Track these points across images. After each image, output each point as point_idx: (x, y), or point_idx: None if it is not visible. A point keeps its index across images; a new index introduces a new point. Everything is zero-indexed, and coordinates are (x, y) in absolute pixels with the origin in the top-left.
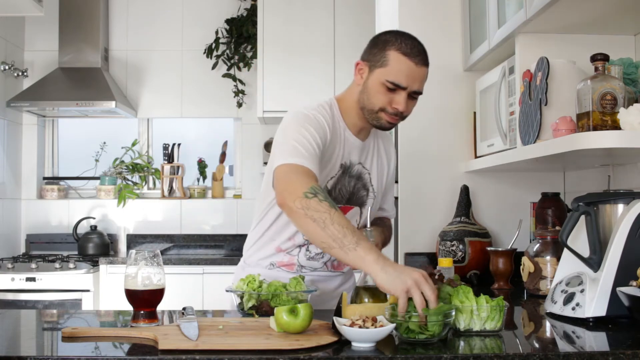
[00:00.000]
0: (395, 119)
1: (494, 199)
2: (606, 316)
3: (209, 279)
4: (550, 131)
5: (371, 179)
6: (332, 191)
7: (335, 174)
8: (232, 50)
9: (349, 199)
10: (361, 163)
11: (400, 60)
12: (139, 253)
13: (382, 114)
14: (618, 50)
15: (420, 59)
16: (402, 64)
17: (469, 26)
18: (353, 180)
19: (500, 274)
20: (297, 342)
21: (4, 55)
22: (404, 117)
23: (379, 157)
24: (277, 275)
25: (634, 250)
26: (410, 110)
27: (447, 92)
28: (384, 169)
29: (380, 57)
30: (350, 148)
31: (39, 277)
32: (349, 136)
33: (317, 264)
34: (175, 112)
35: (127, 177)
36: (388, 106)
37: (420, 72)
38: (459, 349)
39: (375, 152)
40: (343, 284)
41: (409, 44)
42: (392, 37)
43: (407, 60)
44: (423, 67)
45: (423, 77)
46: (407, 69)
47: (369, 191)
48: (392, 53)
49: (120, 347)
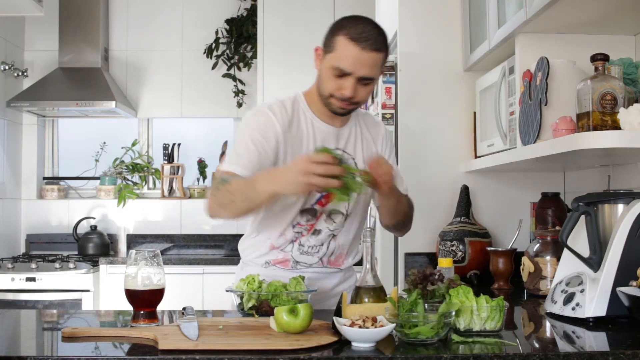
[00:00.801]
0: (345, 105)
1: (494, 199)
2: (606, 316)
3: (209, 279)
4: (550, 131)
5: (356, 165)
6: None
7: None
8: (232, 50)
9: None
10: (340, 149)
11: (347, 46)
12: (139, 253)
13: (332, 100)
14: (618, 50)
15: (369, 44)
16: (348, 49)
17: (469, 26)
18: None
19: (500, 274)
20: (297, 342)
21: (4, 55)
22: (357, 103)
23: (364, 142)
24: (272, 274)
25: (634, 250)
26: (363, 97)
27: (447, 92)
28: (372, 152)
29: (330, 42)
30: (323, 135)
31: (39, 277)
32: (320, 124)
33: (312, 258)
34: (175, 112)
35: (127, 177)
36: (337, 92)
37: (368, 57)
38: (459, 349)
39: (358, 138)
40: (341, 283)
41: (359, 29)
42: (345, 22)
43: (353, 45)
44: (371, 52)
45: (372, 63)
46: (353, 55)
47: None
48: (340, 38)
49: (120, 347)
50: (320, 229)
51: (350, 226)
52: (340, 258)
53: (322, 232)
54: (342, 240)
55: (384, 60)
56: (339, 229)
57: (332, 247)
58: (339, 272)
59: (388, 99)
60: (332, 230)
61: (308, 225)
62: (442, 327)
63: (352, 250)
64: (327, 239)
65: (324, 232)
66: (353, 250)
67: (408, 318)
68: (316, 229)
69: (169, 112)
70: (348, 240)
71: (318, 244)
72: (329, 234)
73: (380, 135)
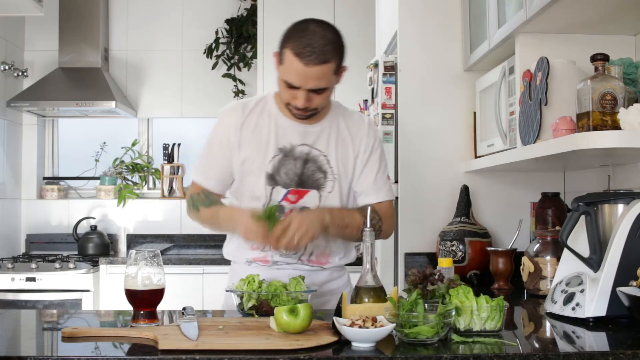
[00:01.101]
0: (301, 113)
1: (494, 199)
2: (606, 316)
3: (209, 279)
4: (550, 131)
5: (329, 162)
6: (277, 175)
7: (273, 157)
8: (232, 50)
9: (300, 182)
10: (308, 144)
11: (292, 61)
12: (139, 253)
13: (289, 107)
14: (618, 50)
15: (313, 59)
16: (293, 64)
17: (469, 26)
18: (299, 163)
19: (500, 274)
20: (297, 342)
21: (4, 55)
22: (314, 110)
23: (340, 140)
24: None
25: (634, 250)
26: (320, 103)
27: (447, 92)
28: (348, 151)
29: (281, 53)
30: (285, 131)
31: (39, 277)
32: (283, 121)
33: (290, 258)
34: (175, 112)
35: (127, 177)
36: (291, 101)
37: (313, 72)
38: (459, 349)
39: (332, 135)
40: (328, 282)
41: (304, 41)
42: (293, 32)
43: (297, 61)
44: (316, 66)
45: (319, 76)
46: (297, 70)
47: (326, 173)
48: (287, 52)
49: (120, 347)
50: None
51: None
52: (323, 257)
53: None
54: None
55: (336, 67)
56: None
57: (310, 246)
58: (322, 271)
59: (388, 99)
60: None
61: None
62: (442, 327)
63: (339, 249)
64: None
65: None
66: (340, 249)
67: (408, 318)
68: None
69: (169, 112)
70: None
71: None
72: None
73: (362, 133)
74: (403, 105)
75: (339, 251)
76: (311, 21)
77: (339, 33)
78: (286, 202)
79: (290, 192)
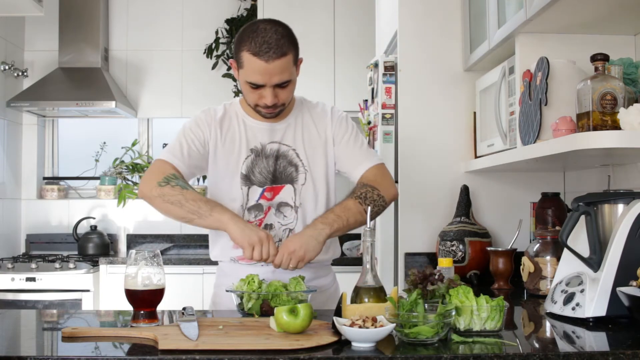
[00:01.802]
0: (270, 111)
1: (494, 199)
2: (606, 316)
3: (209, 279)
4: (550, 131)
5: (298, 155)
6: (251, 175)
7: (246, 157)
8: (232, 50)
9: (274, 179)
10: (277, 142)
11: (252, 61)
12: (139, 253)
13: (258, 109)
14: (618, 50)
15: (271, 54)
16: (254, 64)
17: (469, 26)
18: (271, 160)
19: (500, 274)
20: (297, 342)
21: (4, 55)
22: (282, 105)
23: (306, 132)
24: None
25: (634, 250)
26: (286, 97)
27: (447, 92)
28: (315, 141)
29: (238, 58)
30: (254, 132)
31: (39, 277)
32: (251, 122)
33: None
34: (175, 112)
35: (127, 177)
36: (259, 101)
37: (274, 66)
38: (459, 349)
39: (298, 128)
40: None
41: (258, 40)
42: (245, 35)
43: (257, 60)
44: (276, 60)
45: (282, 69)
46: (259, 69)
47: (297, 167)
48: (244, 54)
49: (120, 347)
50: (271, 224)
51: (305, 218)
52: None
53: (275, 227)
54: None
55: (294, 58)
56: (293, 222)
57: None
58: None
59: (388, 99)
60: (286, 224)
61: (257, 221)
62: (442, 327)
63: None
64: (283, 235)
65: (278, 227)
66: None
67: (408, 318)
68: (266, 223)
69: (169, 112)
70: None
71: (276, 241)
72: (284, 229)
73: (327, 121)
74: (403, 105)
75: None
76: (259, 21)
77: (288, 27)
78: (263, 200)
79: (265, 189)
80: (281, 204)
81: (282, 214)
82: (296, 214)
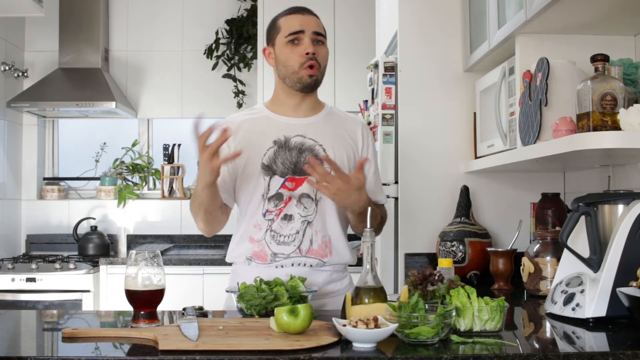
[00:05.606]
0: (312, 69)
1: (494, 200)
2: (606, 316)
3: (209, 279)
4: (550, 132)
5: (325, 150)
6: (273, 165)
7: (268, 149)
8: (232, 50)
9: (296, 170)
10: (301, 135)
11: (289, 18)
12: (139, 253)
13: (301, 72)
14: (618, 50)
15: (307, 11)
16: (292, 19)
17: (469, 26)
18: (294, 152)
19: (500, 275)
20: (297, 343)
21: (4, 56)
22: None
23: (337, 136)
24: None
25: (634, 251)
26: (322, 58)
27: (447, 92)
28: (342, 140)
29: (274, 30)
30: (279, 126)
31: (39, 277)
32: (277, 118)
33: (288, 248)
34: (175, 112)
35: (127, 177)
36: (300, 58)
37: (310, 19)
38: (459, 349)
39: (328, 129)
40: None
41: (292, 8)
42: (277, 15)
43: (294, 15)
44: (311, 15)
45: (317, 23)
46: (297, 19)
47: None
48: (280, 19)
49: (121, 348)
50: (291, 214)
51: (324, 212)
52: (322, 249)
53: (294, 219)
54: (319, 227)
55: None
56: (312, 215)
57: (309, 234)
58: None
59: (388, 99)
60: (305, 216)
61: (277, 210)
62: (442, 327)
63: (341, 245)
64: (301, 227)
65: (297, 219)
66: (342, 246)
67: (408, 318)
68: (286, 213)
69: (169, 113)
70: (327, 229)
71: (293, 232)
72: (302, 221)
73: (358, 129)
74: (403, 106)
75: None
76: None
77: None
78: (284, 189)
79: (287, 179)
80: (303, 195)
81: (303, 205)
82: (316, 207)
